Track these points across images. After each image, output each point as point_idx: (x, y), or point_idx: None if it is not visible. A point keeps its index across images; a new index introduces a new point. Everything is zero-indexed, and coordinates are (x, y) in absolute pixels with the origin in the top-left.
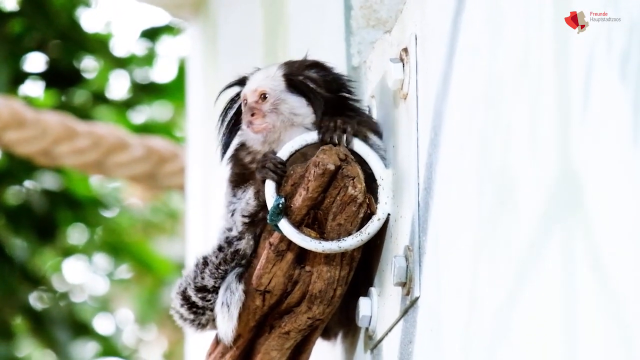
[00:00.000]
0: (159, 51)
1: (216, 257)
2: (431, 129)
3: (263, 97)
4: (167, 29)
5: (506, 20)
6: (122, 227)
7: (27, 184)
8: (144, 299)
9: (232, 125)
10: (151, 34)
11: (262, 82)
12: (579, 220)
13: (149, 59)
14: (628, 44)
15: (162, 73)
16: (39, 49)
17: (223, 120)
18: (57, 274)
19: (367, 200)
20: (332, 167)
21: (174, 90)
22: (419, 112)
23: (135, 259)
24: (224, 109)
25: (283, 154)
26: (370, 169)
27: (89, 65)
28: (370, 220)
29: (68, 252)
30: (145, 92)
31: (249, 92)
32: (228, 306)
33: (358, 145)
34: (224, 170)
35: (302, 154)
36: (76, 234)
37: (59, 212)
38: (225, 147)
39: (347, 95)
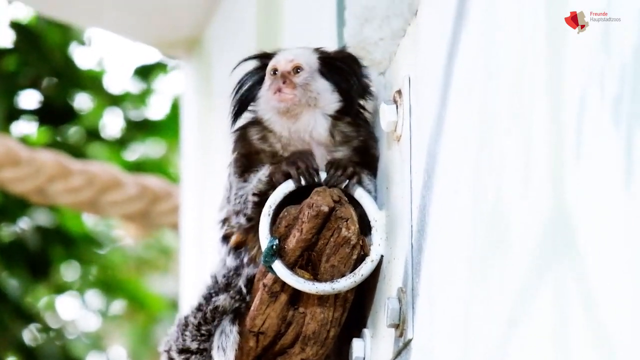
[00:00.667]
0: (152, 88)
1: (195, 317)
2: (424, 171)
3: (296, 70)
4: (161, 67)
5: (500, 63)
6: (115, 264)
7: (21, 221)
8: (136, 336)
9: (246, 99)
10: (145, 72)
11: (299, 56)
12: (572, 262)
13: (142, 97)
14: (620, 88)
15: (155, 110)
16: (33, 86)
17: (239, 89)
18: (51, 311)
19: (360, 242)
20: (325, 208)
21: (167, 128)
22: (412, 154)
23: (128, 296)
24: (242, 78)
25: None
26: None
27: (82, 102)
28: (364, 262)
29: (61, 289)
30: (138, 129)
31: (283, 61)
32: (224, 350)
33: (353, 189)
34: (229, 148)
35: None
36: (69, 271)
37: (52, 249)
38: (236, 117)
39: (364, 100)
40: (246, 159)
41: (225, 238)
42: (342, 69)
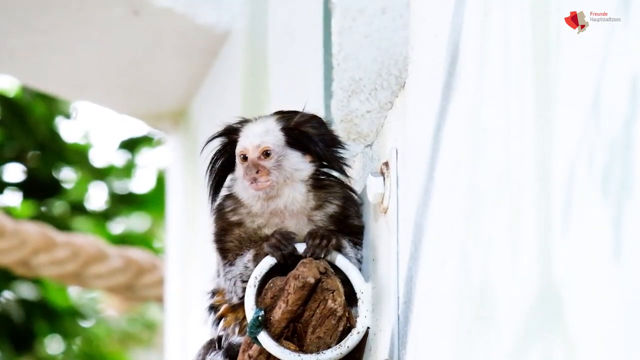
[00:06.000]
0: (137, 162)
1: None
2: (411, 243)
3: (266, 153)
4: (146, 140)
5: (487, 135)
6: (99, 338)
7: (5, 293)
8: None
9: (220, 175)
10: (130, 145)
11: (264, 138)
12: (559, 336)
13: (127, 170)
14: (609, 160)
15: (140, 184)
16: (18, 159)
17: (212, 170)
18: None
19: (346, 313)
20: (312, 280)
21: (152, 201)
22: (399, 225)
23: None
24: (213, 158)
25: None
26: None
27: (67, 175)
28: (350, 334)
29: None
30: (123, 202)
31: (251, 148)
32: None
33: (338, 259)
34: (210, 225)
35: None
36: (53, 344)
37: (36, 322)
38: (214, 197)
39: (339, 155)
40: (223, 233)
41: (212, 308)
42: (306, 133)
